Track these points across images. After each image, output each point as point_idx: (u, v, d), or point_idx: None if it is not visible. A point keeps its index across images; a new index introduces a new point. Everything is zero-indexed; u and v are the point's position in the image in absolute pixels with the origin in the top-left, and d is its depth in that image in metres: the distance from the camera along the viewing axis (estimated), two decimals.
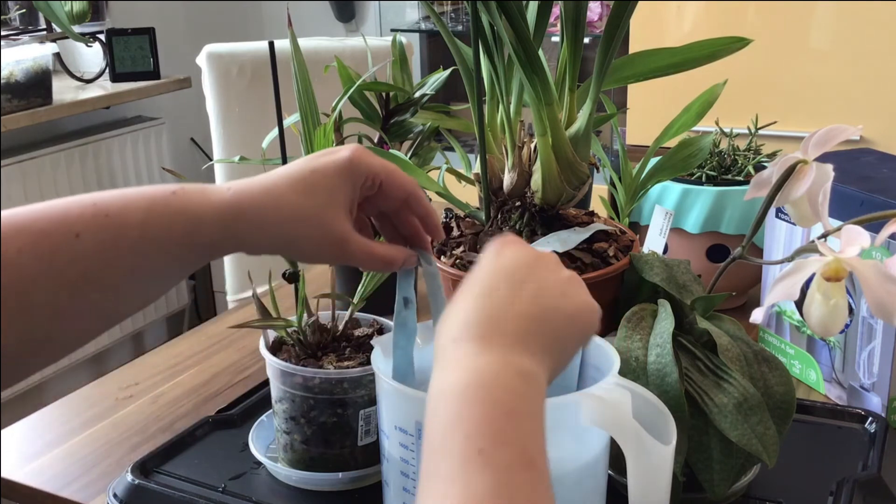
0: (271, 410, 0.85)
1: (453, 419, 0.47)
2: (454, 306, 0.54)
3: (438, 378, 0.50)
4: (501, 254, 0.56)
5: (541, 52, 0.79)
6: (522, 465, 0.45)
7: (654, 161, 0.99)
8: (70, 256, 0.55)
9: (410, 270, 0.67)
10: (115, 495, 0.81)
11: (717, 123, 1.20)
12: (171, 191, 0.59)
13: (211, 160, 1.83)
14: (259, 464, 0.85)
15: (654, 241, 1.04)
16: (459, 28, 2.77)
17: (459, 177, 0.93)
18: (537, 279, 0.55)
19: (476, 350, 0.50)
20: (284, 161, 0.83)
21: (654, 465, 0.62)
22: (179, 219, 0.58)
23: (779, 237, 1.01)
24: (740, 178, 1.16)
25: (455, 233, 0.88)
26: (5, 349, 0.53)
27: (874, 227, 0.69)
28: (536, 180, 0.83)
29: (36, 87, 2.24)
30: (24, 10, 2.50)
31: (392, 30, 2.84)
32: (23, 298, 0.53)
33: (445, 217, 0.91)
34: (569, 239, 0.81)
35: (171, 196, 0.58)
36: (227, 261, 1.97)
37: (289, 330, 0.83)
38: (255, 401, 0.96)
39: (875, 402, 0.93)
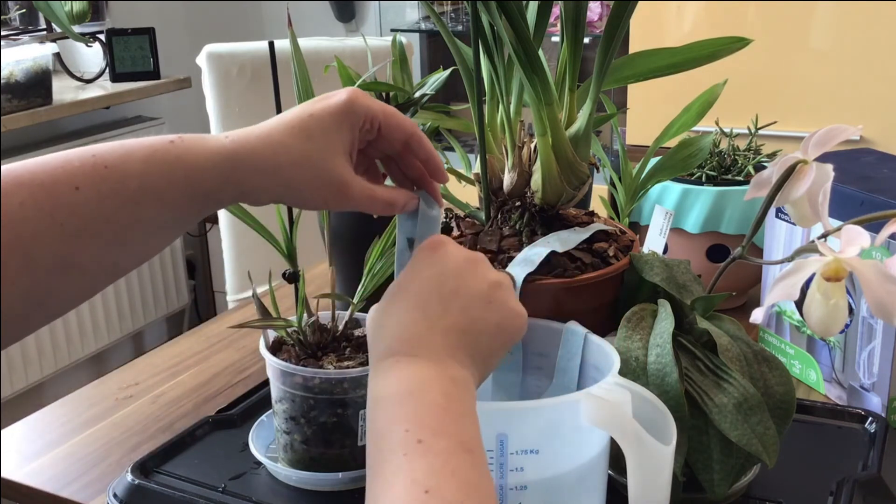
0: (271, 410, 0.85)
1: (391, 419, 0.51)
2: (386, 315, 0.58)
3: (374, 387, 0.54)
4: (432, 260, 0.59)
5: (541, 52, 0.79)
6: (460, 450, 0.49)
7: (654, 161, 0.99)
8: (70, 209, 0.55)
9: (412, 213, 0.66)
10: (115, 495, 0.81)
11: (717, 123, 1.20)
12: (170, 140, 0.59)
13: None
14: (259, 464, 0.85)
15: (654, 241, 1.04)
16: (459, 28, 2.77)
17: (459, 177, 0.93)
18: (465, 290, 0.58)
19: (408, 361, 0.54)
20: None
21: (654, 465, 0.62)
22: (179, 167, 0.58)
23: (779, 237, 1.01)
24: (740, 178, 1.16)
25: (455, 233, 0.88)
26: (10, 305, 0.53)
27: (874, 227, 0.69)
28: (536, 180, 0.83)
29: (36, 87, 2.24)
30: (24, 10, 2.50)
31: (392, 30, 2.84)
32: (26, 252, 0.53)
33: (445, 217, 0.91)
34: (569, 239, 0.81)
35: (169, 145, 0.58)
36: (227, 261, 1.97)
37: (289, 330, 0.83)
38: (255, 401, 0.96)
39: (875, 402, 0.93)
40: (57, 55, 2.43)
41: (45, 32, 2.47)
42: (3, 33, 2.37)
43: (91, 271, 0.57)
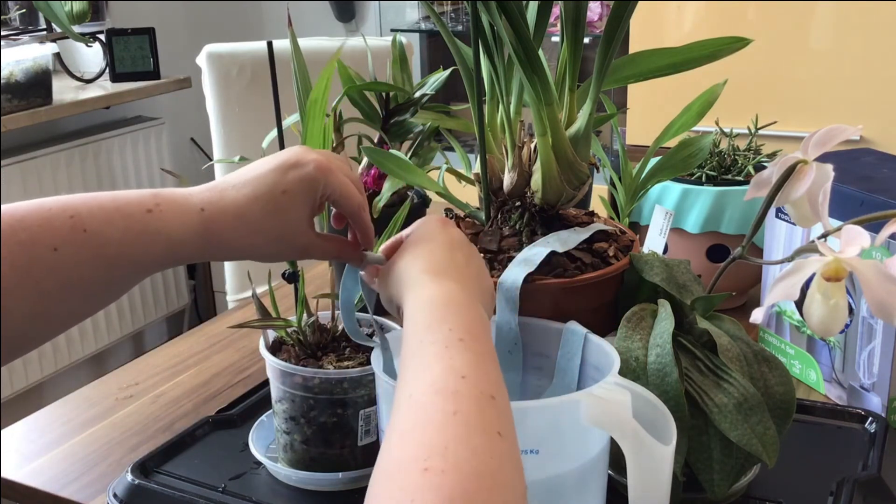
0: (271, 410, 0.85)
1: (436, 318, 0.57)
2: (420, 248, 0.65)
3: (417, 294, 0.60)
4: (448, 231, 0.68)
5: (541, 52, 0.79)
6: (492, 359, 0.55)
7: (654, 161, 0.99)
8: (47, 268, 0.57)
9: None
10: (115, 495, 0.81)
11: (717, 123, 1.20)
12: (147, 208, 0.62)
13: (211, 160, 1.83)
14: (259, 464, 0.85)
15: (654, 241, 1.04)
16: (459, 28, 2.77)
17: (459, 177, 0.93)
18: (475, 258, 0.68)
19: (450, 282, 0.61)
20: None
21: (654, 465, 0.62)
22: (157, 240, 0.61)
23: (779, 237, 1.01)
24: (740, 178, 1.16)
25: None
26: None
27: (874, 227, 0.69)
28: (536, 180, 0.83)
29: (36, 87, 2.24)
30: (24, 10, 2.50)
31: (392, 30, 2.84)
32: (3, 304, 0.56)
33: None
34: (569, 239, 0.81)
35: (147, 215, 0.61)
36: (227, 261, 1.97)
37: (289, 330, 0.83)
38: (255, 401, 0.96)
39: (875, 402, 0.93)
40: (57, 55, 2.43)
41: (45, 32, 2.47)
42: (3, 33, 2.37)
43: (64, 320, 0.61)
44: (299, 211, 0.65)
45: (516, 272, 0.76)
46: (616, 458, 0.67)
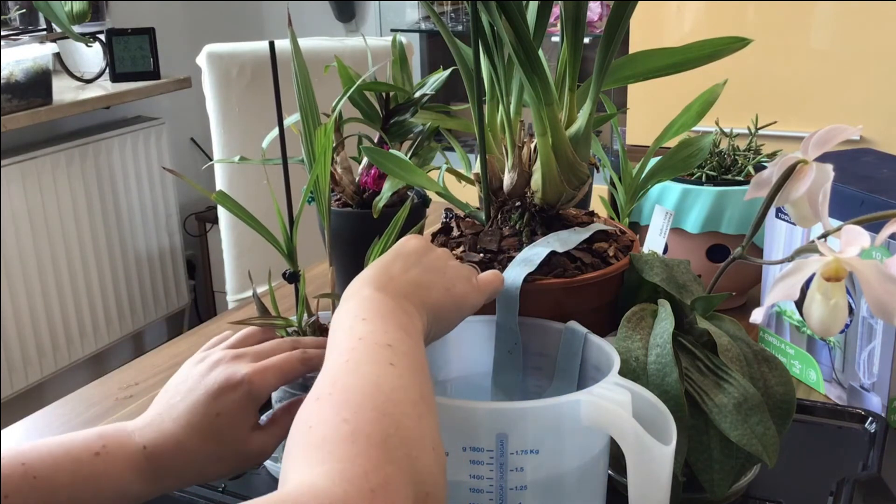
0: (271, 410, 0.85)
1: (353, 319, 0.60)
2: (363, 272, 0.68)
3: (343, 307, 0.63)
4: (404, 244, 0.71)
5: (541, 52, 0.79)
6: (397, 327, 0.59)
7: (654, 161, 0.99)
8: None
9: None
10: None
11: (717, 123, 1.20)
12: (95, 452, 0.64)
13: (211, 160, 1.83)
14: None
15: (654, 241, 1.04)
16: (459, 28, 2.77)
17: (459, 177, 0.93)
18: (425, 261, 0.70)
19: (374, 292, 0.64)
20: (285, 161, 0.83)
21: (654, 465, 0.62)
22: (105, 481, 0.63)
23: (779, 237, 1.01)
24: (740, 178, 1.16)
25: (455, 233, 0.88)
26: None
27: (874, 227, 0.69)
28: (536, 180, 0.83)
29: (36, 87, 2.24)
30: (24, 10, 2.50)
31: (392, 30, 2.84)
32: None
33: (445, 217, 0.91)
34: (569, 239, 0.81)
35: (95, 458, 0.64)
36: (227, 260, 1.97)
37: (289, 330, 0.83)
38: None
39: (875, 402, 0.93)
40: (57, 55, 2.43)
41: (45, 32, 2.47)
42: (3, 33, 2.37)
43: None
44: (239, 426, 0.67)
45: (516, 272, 0.76)
46: (616, 458, 0.67)
